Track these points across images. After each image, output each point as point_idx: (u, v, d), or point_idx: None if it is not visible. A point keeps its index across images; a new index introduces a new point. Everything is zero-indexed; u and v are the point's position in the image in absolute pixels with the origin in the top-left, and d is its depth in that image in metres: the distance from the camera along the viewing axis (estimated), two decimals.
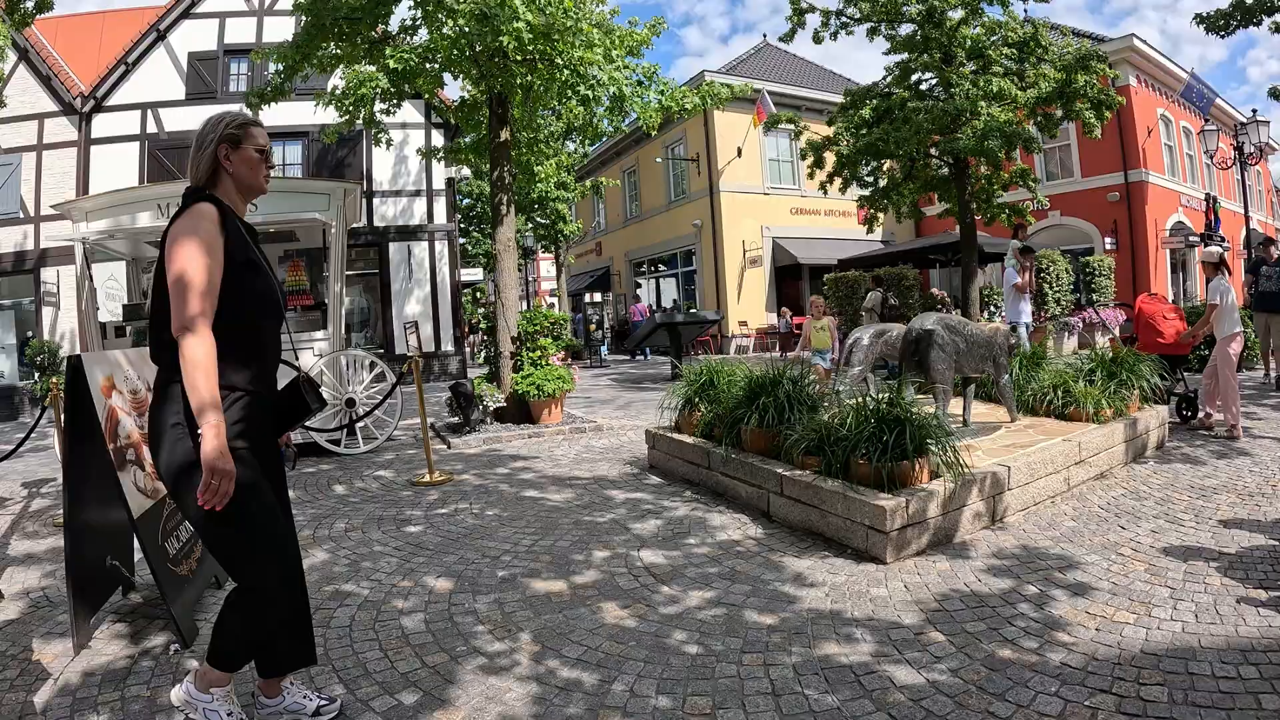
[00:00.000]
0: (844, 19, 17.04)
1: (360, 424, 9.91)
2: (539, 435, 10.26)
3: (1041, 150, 18.43)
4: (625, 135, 30.57)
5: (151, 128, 21.28)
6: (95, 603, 4.16)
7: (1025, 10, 17.05)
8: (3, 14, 12.27)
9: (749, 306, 28.06)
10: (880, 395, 5.53)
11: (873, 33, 17.15)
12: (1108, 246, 24.43)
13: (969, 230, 16.88)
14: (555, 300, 34.68)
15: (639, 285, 35.33)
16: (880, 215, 19.03)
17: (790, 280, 28.84)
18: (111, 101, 21.26)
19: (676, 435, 7.33)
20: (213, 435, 2.43)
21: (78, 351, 10.97)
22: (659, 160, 31.21)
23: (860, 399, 5.58)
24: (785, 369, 6.56)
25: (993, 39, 16.22)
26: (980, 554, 4.69)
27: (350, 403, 9.88)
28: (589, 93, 10.86)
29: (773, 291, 28.47)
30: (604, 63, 10.92)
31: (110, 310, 14.09)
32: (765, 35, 32.73)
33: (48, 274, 20.36)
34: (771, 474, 5.62)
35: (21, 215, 20.56)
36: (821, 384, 7.02)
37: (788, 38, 17.72)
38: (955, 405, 7.24)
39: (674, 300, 31.94)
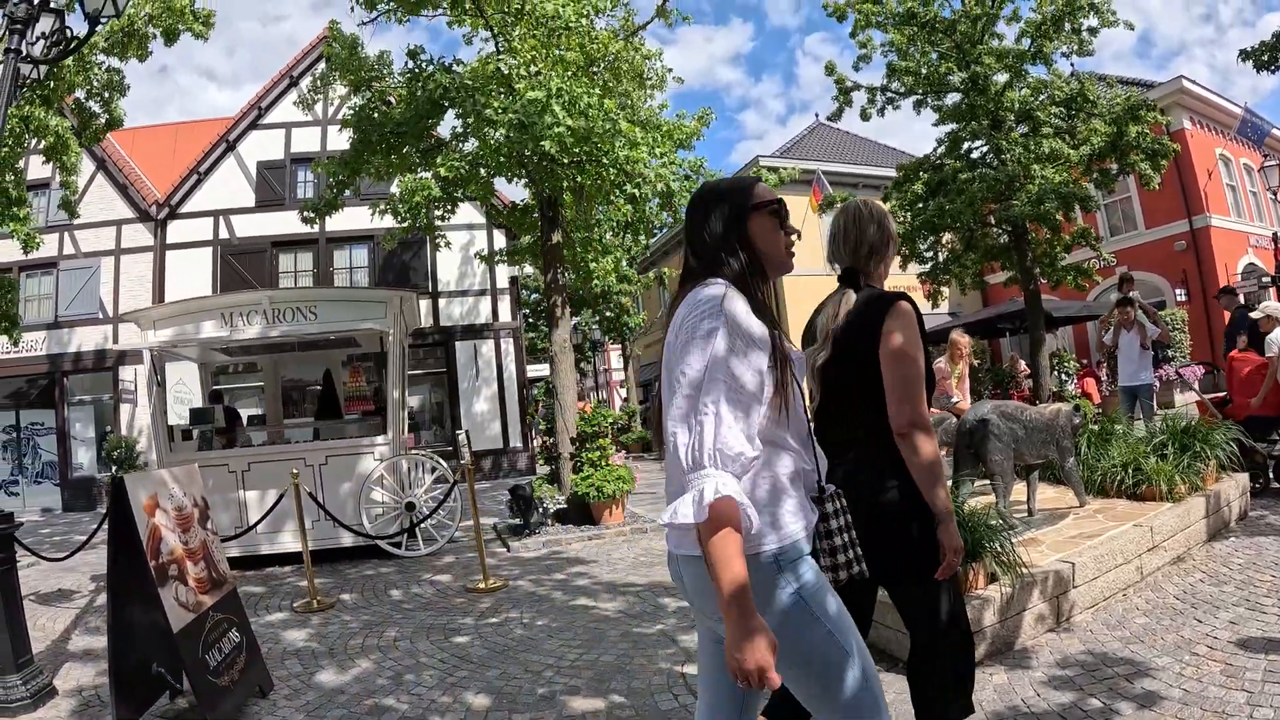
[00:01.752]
0: (889, 94, 17.07)
1: (420, 526, 9.93)
2: (599, 537, 10.11)
3: (1100, 207, 18.08)
4: (683, 225, 30.75)
5: (223, 233, 22.39)
6: (141, 706, 4.29)
7: (1071, 65, 16.89)
8: (76, 131, 12.92)
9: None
10: None
11: (919, 105, 17.14)
12: (1179, 299, 23.68)
13: (1034, 297, 16.49)
14: (625, 392, 34.72)
15: None
16: (944, 289, 18.77)
17: None
18: (185, 209, 22.56)
19: None
20: (949, 517, 2.63)
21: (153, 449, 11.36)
22: None
23: None
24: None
25: (1040, 99, 16.05)
26: (1042, 662, 4.41)
27: (410, 506, 9.95)
28: (636, 191, 10.95)
29: None
30: (649, 160, 11.04)
31: (178, 414, 14.47)
32: (817, 115, 33.03)
33: (125, 372, 21.52)
34: None
35: (101, 316, 21.80)
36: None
37: (835, 117, 17.81)
38: (1020, 491, 6.96)
39: None
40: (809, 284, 26.74)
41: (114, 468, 19.60)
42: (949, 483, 6.64)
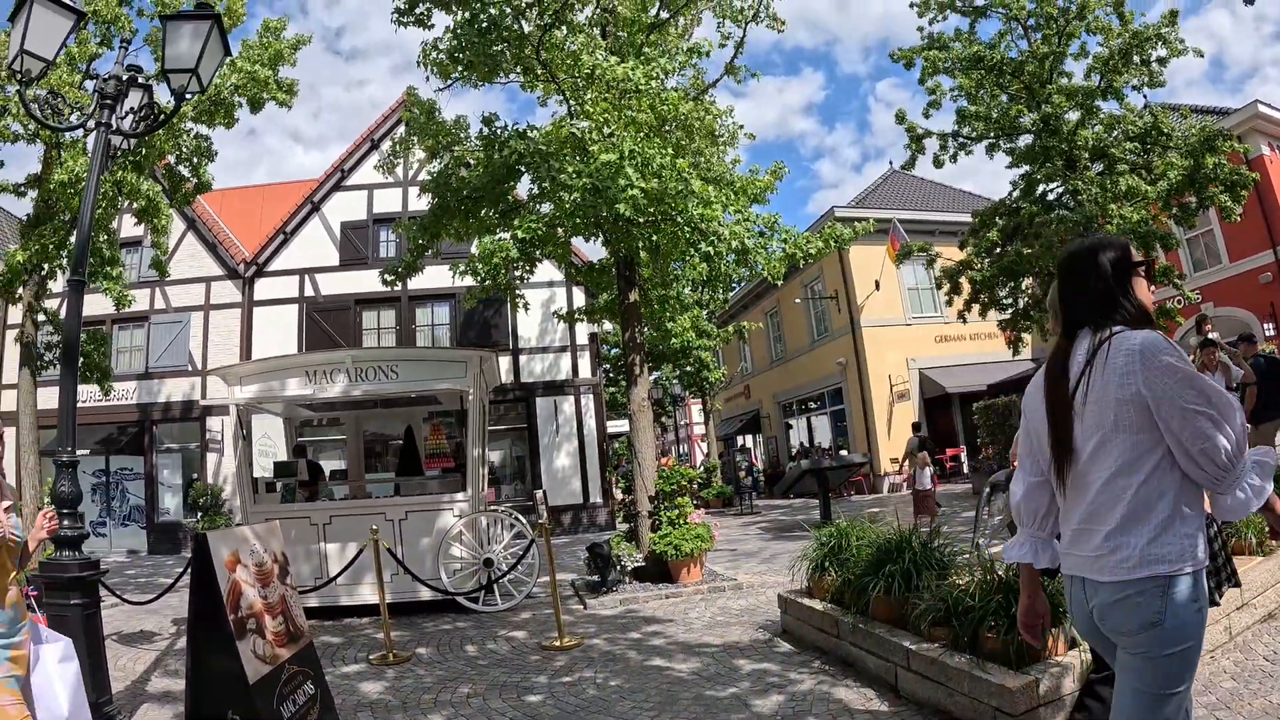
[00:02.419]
0: (961, 139, 17.03)
1: (498, 582, 10.01)
2: (677, 595, 10.05)
3: (1181, 244, 17.65)
4: (761, 279, 30.86)
5: (308, 291, 23.18)
6: None
7: (1144, 97, 16.62)
8: (167, 194, 13.59)
9: (900, 443, 26.97)
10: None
11: (992, 149, 17.07)
12: (1269, 333, 22.77)
13: None
14: (706, 446, 34.63)
15: (789, 427, 34.94)
16: (1025, 335, 18.46)
17: (940, 411, 28.00)
18: (272, 267, 23.47)
19: (807, 601, 7.04)
20: None
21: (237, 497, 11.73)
22: (799, 300, 31.23)
23: (990, 560, 5.28)
24: (914, 529, 6.29)
25: (1113, 135, 15.80)
26: None
27: (488, 562, 10.04)
28: (710, 249, 11.00)
29: (923, 426, 27.49)
30: (723, 217, 11.11)
31: (263, 466, 14.89)
32: (891, 162, 32.88)
33: (213, 422, 22.30)
34: (898, 647, 5.31)
35: (189, 368, 22.81)
36: None
37: (908, 165, 17.80)
38: None
39: (819, 444, 31.38)
40: (890, 334, 26.64)
41: (199, 514, 20.49)
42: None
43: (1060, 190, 16.50)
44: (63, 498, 5.19)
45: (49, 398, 13.17)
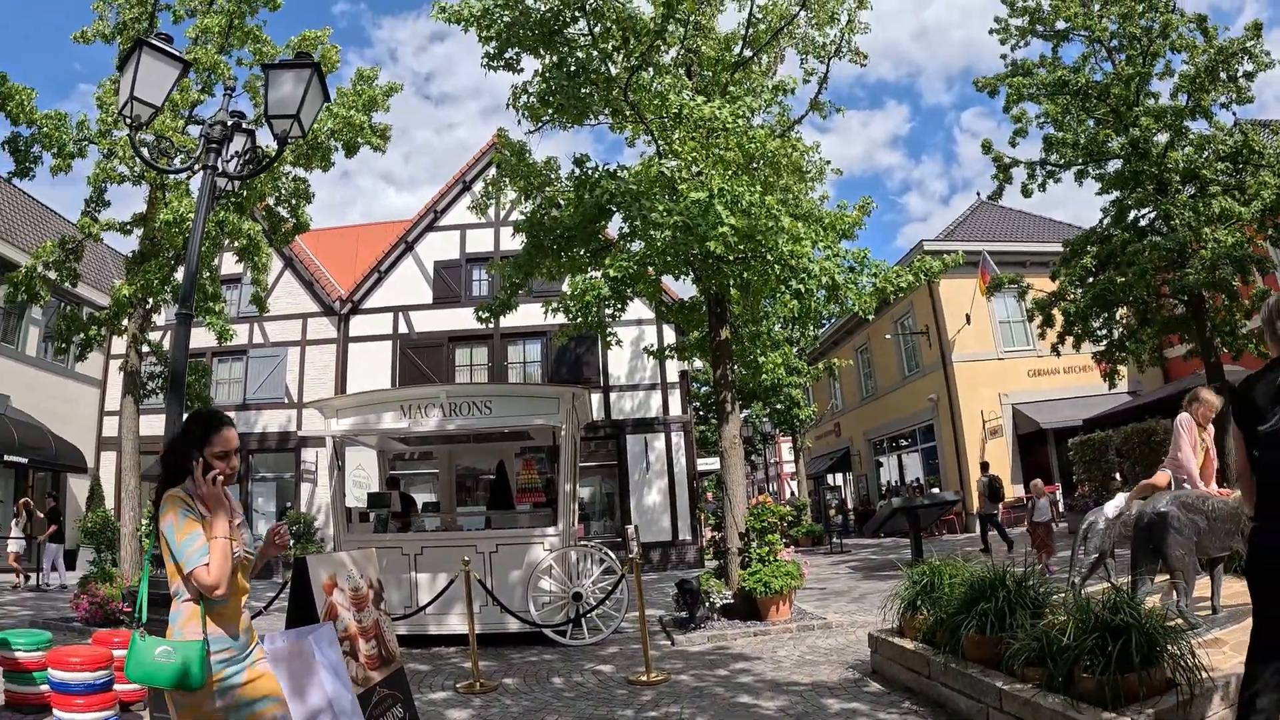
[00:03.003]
0: (1049, 167, 16.74)
1: (586, 616, 10.08)
2: (765, 633, 9.99)
3: (1278, 267, 17.04)
4: (851, 315, 30.63)
5: (403, 328, 23.96)
6: None
7: (1233, 115, 16.10)
8: (267, 234, 14.35)
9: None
10: (1108, 595, 5.07)
11: (1080, 175, 16.71)
12: None
13: (1214, 370, 15.46)
14: (795, 484, 34.36)
15: (879, 464, 34.43)
16: (1121, 367, 17.94)
17: (1034, 447, 27.26)
18: (366, 305, 24.36)
19: (898, 640, 6.97)
20: None
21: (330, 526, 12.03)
22: (889, 336, 30.86)
23: (1086, 599, 5.17)
24: (1008, 567, 6.18)
25: (1204, 155, 15.35)
26: None
27: (577, 596, 10.13)
28: (800, 285, 11.00)
29: (1017, 462, 26.78)
30: (813, 253, 11.12)
31: (356, 497, 15.24)
32: (979, 193, 32.23)
33: (307, 454, 23.24)
34: (990, 687, 5.23)
35: (286, 401, 23.83)
36: None
37: (995, 196, 17.58)
38: (1203, 586, 6.56)
39: (915, 480, 30.81)
40: (982, 369, 26.03)
41: (292, 542, 20.86)
42: (1137, 580, 6.31)
43: (1152, 215, 16.06)
44: None
45: (148, 425, 13.94)
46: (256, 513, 23.56)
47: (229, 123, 6.42)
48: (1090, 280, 16.39)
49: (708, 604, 10.86)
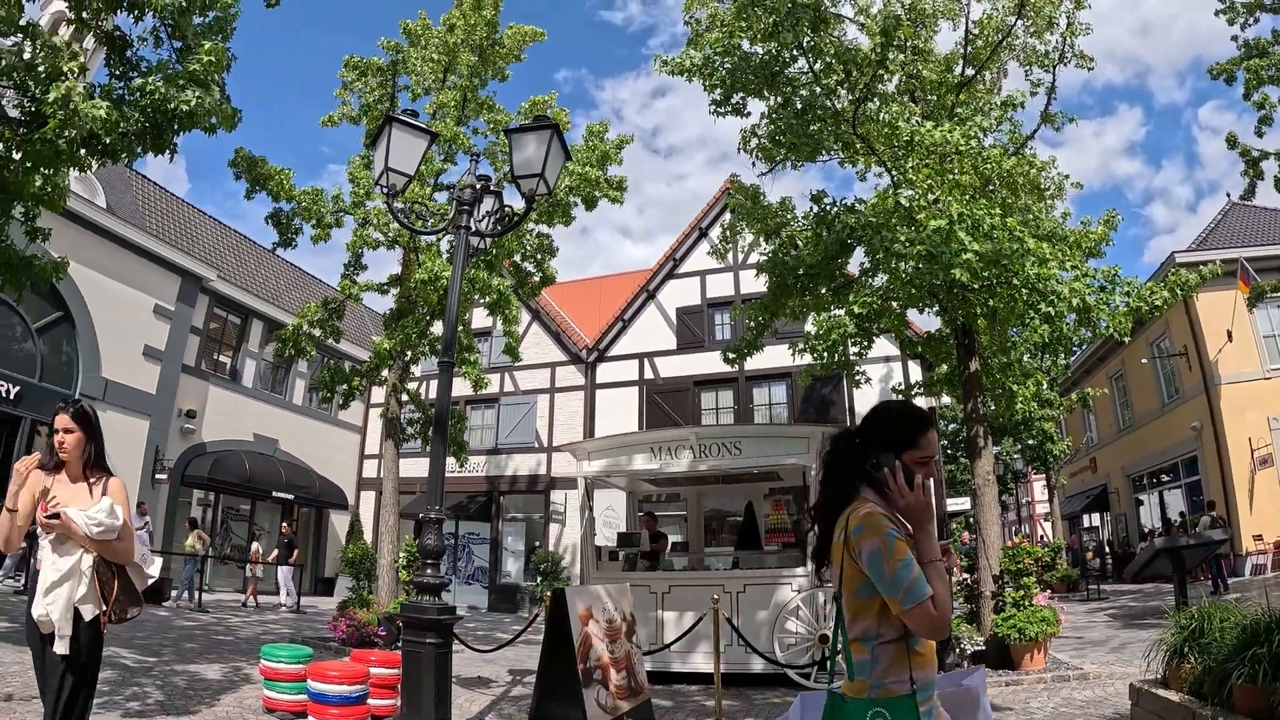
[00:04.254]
0: None
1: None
2: (1017, 683, 9.49)
3: None
4: (1102, 340, 28.51)
5: (648, 374, 24.83)
6: None
7: None
8: (515, 289, 15.33)
9: (1265, 516, 22.65)
10: None
11: None
12: None
13: None
14: (1050, 525, 32.32)
15: (1139, 502, 31.58)
16: None
17: None
18: (612, 352, 25.51)
19: (1161, 691, 6.38)
20: None
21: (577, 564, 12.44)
22: (1145, 360, 28.21)
23: None
24: None
25: None
26: None
27: (824, 638, 9.97)
28: (1050, 309, 10.48)
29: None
30: (1060, 275, 10.59)
31: (606, 536, 15.69)
32: (1229, 195, 29.12)
33: (556, 496, 24.62)
34: None
35: (536, 445, 25.47)
36: None
37: (1248, 195, 16.12)
38: None
39: (1180, 514, 28.13)
40: (1246, 390, 23.34)
41: (539, 578, 22.33)
42: None
43: None
44: (429, 549, 5.94)
45: (406, 467, 15.05)
46: (505, 550, 25.18)
47: (478, 185, 6.93)
48: None
49: (957, 650, 10.45)
